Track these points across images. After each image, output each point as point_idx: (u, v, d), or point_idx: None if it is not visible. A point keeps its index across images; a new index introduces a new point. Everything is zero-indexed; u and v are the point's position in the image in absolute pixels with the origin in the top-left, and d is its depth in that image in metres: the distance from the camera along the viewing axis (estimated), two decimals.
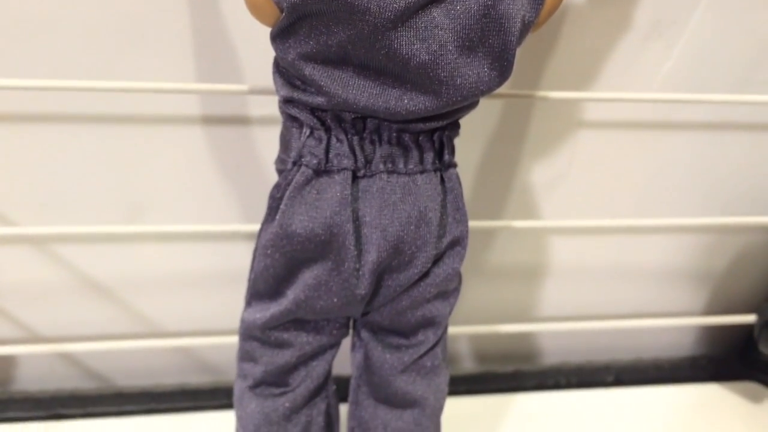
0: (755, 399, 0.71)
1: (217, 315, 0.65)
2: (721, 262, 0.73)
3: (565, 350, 0.75)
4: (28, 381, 0.67)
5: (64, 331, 0.65)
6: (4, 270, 0.61)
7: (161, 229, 0.55)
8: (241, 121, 0.56)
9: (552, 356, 0.76)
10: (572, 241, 0.68)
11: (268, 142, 0.57)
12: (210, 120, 0.55)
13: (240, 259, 0.61)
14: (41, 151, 0.55)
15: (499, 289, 0.70)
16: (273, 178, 0.56)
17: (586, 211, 0.65)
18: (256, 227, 0.54)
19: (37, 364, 0.66)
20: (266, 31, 0.38)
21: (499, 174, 0.62)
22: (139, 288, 0.63)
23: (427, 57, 0.36)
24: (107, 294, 0.63)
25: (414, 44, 0.36)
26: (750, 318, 0.68)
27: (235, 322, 0.54)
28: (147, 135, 0.55)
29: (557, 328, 0.68)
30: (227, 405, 0.64)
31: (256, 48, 0.51)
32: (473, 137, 0.59)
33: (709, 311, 0.76)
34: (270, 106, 0.55)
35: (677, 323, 0.71)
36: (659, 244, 0.70)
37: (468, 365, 0.76)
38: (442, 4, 0.36)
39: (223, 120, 0.55)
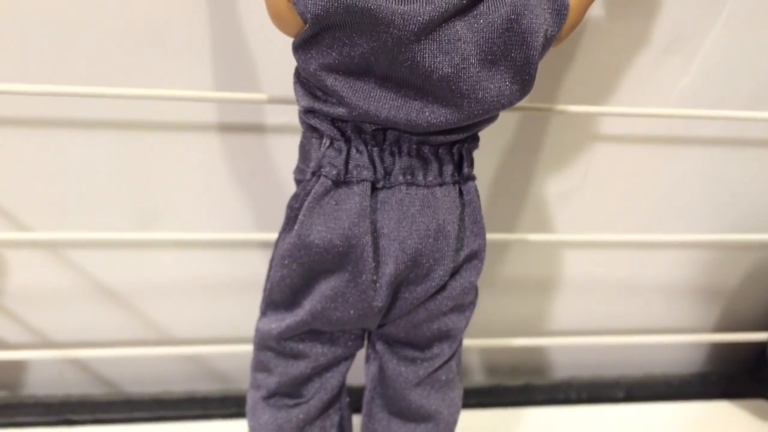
0: (765, 417, 0.70)
1: (228, 322, 0.65)
2: (733, 278, 0.72)
3: (576, 364, 0.75)
4: (38, 386, 0.67)
5: (75, 335, 0.65)
6: (16, 273, 0.61)
7: (175, 236, 0.55)
8: (256, 129, 0.56)
9: (562, 370, 0.76)
10: (584, 254, 0.67)
11: (283, 150, 0.57)
12: (225, 127, 0.55)
13: (252, 267, 0.61)
14: (56, 156, 0.55)
15: (510, 301, 0.70)
16: (288, 186, 0.56)
17: (600, 225, 0.65)
18: (269, 236, 0.54)
19: (47, 369, 0.66)
20: (284, 39, 0.38)
21: (513, 185, 0.62)
22: (150, 294, 0.63)
23: (449, 70, 0.36)
24: (118, 299, 0.63)
25: (437, 57, 0.36)
26: (762, 336, 0.67)
27: (246, 330, 0.53)
28: (162, 141, 0.55)
29: (567, 343, 0.68)
30: (236, 414, 0.64)
31: (273, 56, 0.51)
32: (488, 149, 0.59)
33: (721, 327, 0.75)
34: (286, 115, 0.55)
35: (687, 340, 0.71)
36: (671, 259, 0.69)
37: (478, 378, 0.75)
38: (466, 18, 0.36)
39: (239, 127, 0.55)
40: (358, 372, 0.49)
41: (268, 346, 0.45)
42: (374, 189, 0.40)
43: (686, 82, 0.57)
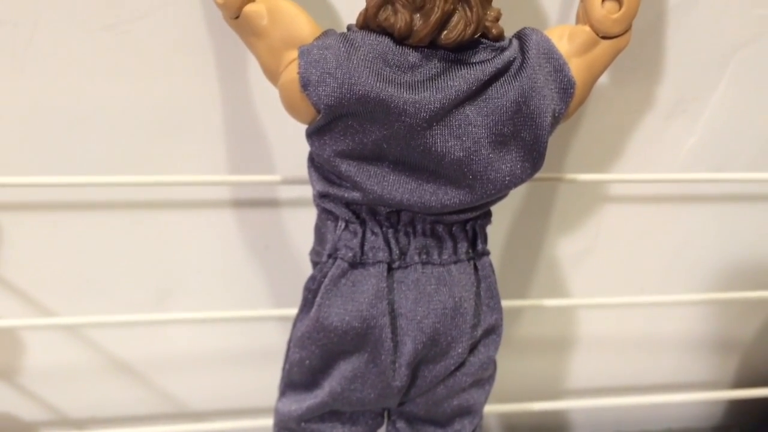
0: None
1: (245, 393, 0.65)
2: (749, 330, 0.72)
3: (596, 422, 0.74)
4: None
5: (92, 411, 0.64)
6: (32, 351, 0.61)
7: (192, 316, 0.55)
8: (269, 203, 0.56)
9: (582, 428, 0.75)
10: (599, 313, 0.67)
11: (296, 223, 0.57)
12: (239, 203, 0.56)
13: (268, 338, 0.61)
14: (74, 236, 0.56)
15: (526, 361, 0.69)
16: (302, 258, 0.56)
17: (614, 283, 0.65)
18: (285, 311, 0.54)
19: None
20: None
21: (526, 249, 0.62)
22: (166, 368, 0.63)
23: (461, 153, 0.37)
24: (135, 374, 0.63)
25: (449, 141, 0.37)
26: None
27: (263, 401, 0.53)
28: (177, 218, 0.56)
29: (585, 405, 0.67)
30: None
31: (287, 136, 0.51)
32: (499, 213, 0.59)
33: (740, 378, 0.74)
34: (299, 189, 0.55)
35: (705, 397, 0.70)
36: (686, 314, 0.69)
37: None
38: (475, 102, 0.37)
39: (252, 203, 0.56)
40: None
41: (288, 427, 0.45)
42: (390, 269, 0.40)
43: (693, 141, 0.58)
